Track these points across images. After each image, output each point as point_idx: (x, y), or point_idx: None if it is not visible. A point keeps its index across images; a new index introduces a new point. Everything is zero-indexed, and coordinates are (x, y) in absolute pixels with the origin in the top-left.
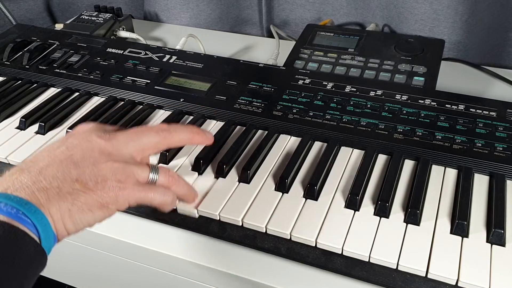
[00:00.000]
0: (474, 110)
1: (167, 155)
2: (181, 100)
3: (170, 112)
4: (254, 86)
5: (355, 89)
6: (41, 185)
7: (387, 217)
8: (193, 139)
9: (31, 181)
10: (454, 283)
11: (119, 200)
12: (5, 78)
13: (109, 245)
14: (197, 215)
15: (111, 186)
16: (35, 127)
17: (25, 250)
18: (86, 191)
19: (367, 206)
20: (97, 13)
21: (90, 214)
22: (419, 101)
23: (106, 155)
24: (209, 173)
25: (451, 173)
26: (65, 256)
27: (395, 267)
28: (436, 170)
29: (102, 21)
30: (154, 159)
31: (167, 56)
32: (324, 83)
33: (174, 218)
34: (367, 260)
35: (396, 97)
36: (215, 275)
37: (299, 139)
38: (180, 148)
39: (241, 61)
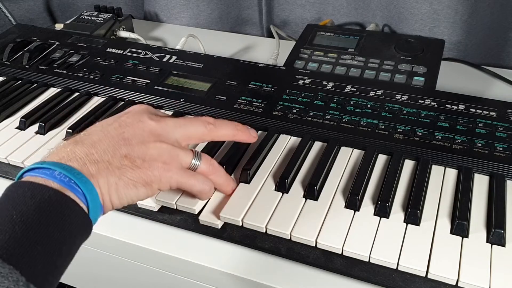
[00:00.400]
0: (474, 110)
1: None
2: (181, 100)
3: (170, 112)
4: (254, 86)
5: (355, 89)
6: (92, 157)
7: (387, 217)
8: (236, 135)
9: (84, 153)
10: (454, 283)
11: (163, 180)
12: (5, 78)
13: (109, 246)
14: (196, 212)
15: (156, 166)
16: (35, 127)
17: (74, 218)
18: (133, 168)
19: (367, 206)
20: (97, 13)
21: (134, 190)
22: (419, 101)
23: (155, 136)
24: None
25: (451, 173)
26: None
27: (395, 267)
28: (436, 170)
29: (102, 21)
30: None
31: (167, 56)
32: (324, 83)
33: (174, 219)
34: (367, 260)
35: (396, 97)
36: (215, 275)
37: (299, 139)
38: None
39: (241, 61)
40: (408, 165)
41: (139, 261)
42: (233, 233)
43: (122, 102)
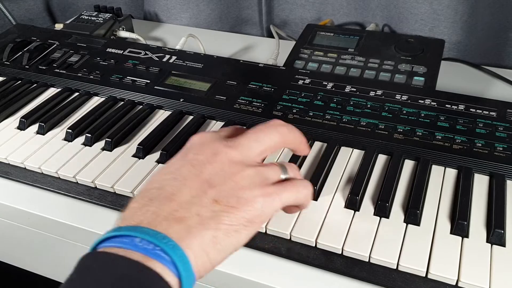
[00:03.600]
0: (474, 110)
1: (167, 155)
2: (181, 100)
3: (170, 112)
4: (254, 86)
5: (355, 89)
6: (177, 214)
7: (387, 217)
8: (300, 146)
9: (165, 211)
10: (454, 283)
11: (265, 210)
12: (5, 78)
13: None
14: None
15: (253, 196)
16: (35, 127)
17: None
18: (230, 210)
19: (367, 206)
20: (97, 13)
21: (236, 237)
22: (419, 101)
23: (237, 164)
24: None
25: (451, 173)
26: (65, 256)
27: (395, 267)
28: (436, 170)
29: (102, 21)
30: (154, 156)
31: (167, 56)
32: (324, 83)
33: None
34: (367, 260)
35: (396, 97)
36: (215, 275)
37: None
38: (179, 148)
39: (241, 61)
40: (408, 165)
41: None
42: None
43: (122, 102)
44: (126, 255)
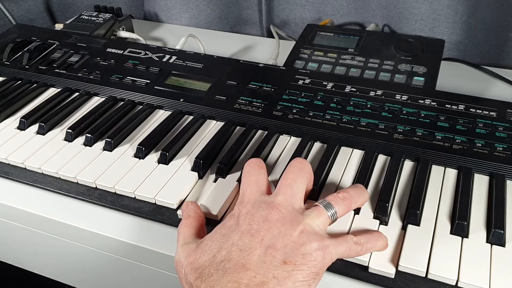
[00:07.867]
0: (474, 110)
1: (167, 155)
2: (181, 100)
3: (170, 112)
4: (254, 86)
5: (355, 89)
6: (257, 280)
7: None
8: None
9: (245, 279)
10: (454, 284)
11: (326, 262)
12: (5, 78)
13: (109, 245)
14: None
15: (313, 250)
16: (35, 127)
17: None
18: (300, 268)
19: (367, 206)
20: (97, 13)
21: None
22: (419, 101)
23: (288, 222)
24: (209, 173)
25: (451, 173)
26: (66, 256)
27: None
28: (436, 170)
29: (102, 21)
30: (154, 157)
31: (167, 56)
32: (324, 83)
33: (174, 219)
34: (367, 265)
35: (396, 97)
36: None
37: (299, 139)
38: (180, 148)
39: (241, 61)
40: (408, 165)
41: (139, 261)
42: None
43: (122, 102)
44: None
